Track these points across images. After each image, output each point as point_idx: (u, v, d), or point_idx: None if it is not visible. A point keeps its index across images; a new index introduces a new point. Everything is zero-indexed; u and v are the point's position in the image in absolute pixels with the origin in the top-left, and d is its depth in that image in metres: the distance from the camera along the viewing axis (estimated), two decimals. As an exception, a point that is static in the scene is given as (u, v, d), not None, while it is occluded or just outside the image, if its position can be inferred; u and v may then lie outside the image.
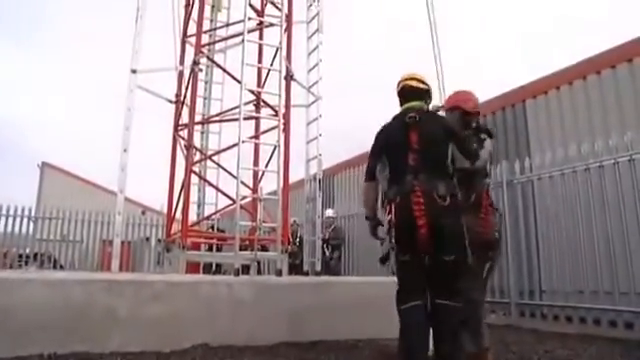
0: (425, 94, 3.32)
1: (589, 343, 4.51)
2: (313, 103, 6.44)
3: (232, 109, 6.66)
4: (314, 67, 6.58)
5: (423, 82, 3.33)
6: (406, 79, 3.31)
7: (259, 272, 7.71)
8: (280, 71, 5.86)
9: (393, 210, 2.94)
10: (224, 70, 6.86)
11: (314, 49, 6.70)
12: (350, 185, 11.34)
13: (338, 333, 4.23)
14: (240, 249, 5.45)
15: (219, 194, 6.74)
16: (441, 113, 3.48)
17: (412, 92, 3.28)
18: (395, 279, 3.05)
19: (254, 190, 6.48)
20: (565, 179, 5.44)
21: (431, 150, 3.03)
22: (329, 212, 9.27)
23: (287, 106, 6.20)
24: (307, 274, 6.28)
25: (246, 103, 6.33)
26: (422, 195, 2.85)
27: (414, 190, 2.88)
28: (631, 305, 4.77)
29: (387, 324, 4.44)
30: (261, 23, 6.68)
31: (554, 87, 6.90)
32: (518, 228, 6.22)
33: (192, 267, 7.05)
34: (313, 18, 6.90)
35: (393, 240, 2.95)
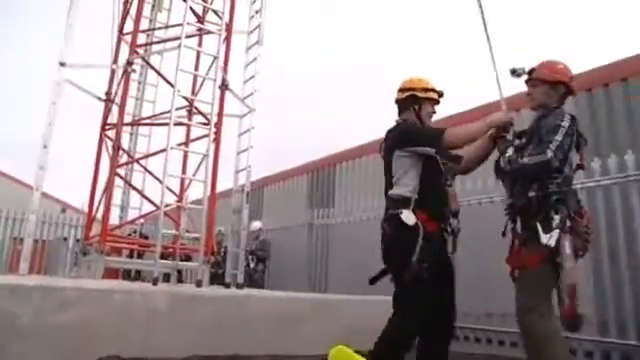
0: (406, 102, 2.98)
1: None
2: (246, 114, 6.44)
3: (163, 113, 6.55)
4: (250, 79, 6.59)
5: (404, 89, 3.00)
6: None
7: (180, 281, 7.53)
8: (215, 80, 5.83)
9: None
10: (158, 73, 6.72)
11: (252, 61, 6.72)
12: (280, 198, 11.37)
13: (255, 348, 4.21)
14: (162, 257, 5.32)
15: (144, 199, 6.57)
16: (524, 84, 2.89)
17: (398, 107, 3.05)
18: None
19: (180, 198, 6.36)
20: (473, 208, 5.74)
21: (385, 171, 2.97)
22: (256, 224, 9.23)
23: (220, 115, 6.18)
24: (229, 286, 6.21)
25: (178, 108, 6.24)
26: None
27: None
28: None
29: (306, 341, 4.53)
30: (200, 30, 6.63)
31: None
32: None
33: (110, 273, 6.79)
34: (254, 30, 6.92)
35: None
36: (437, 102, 3.02)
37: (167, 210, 5.79)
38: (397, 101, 3.03)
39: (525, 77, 2.80)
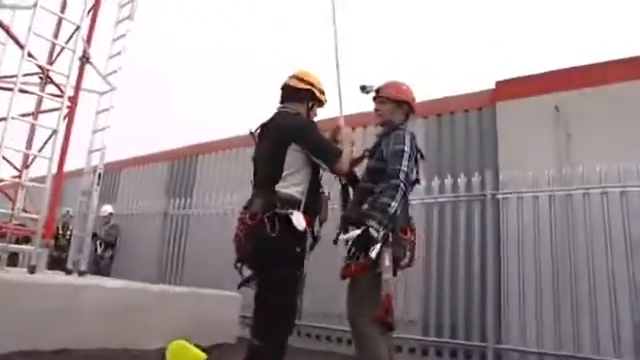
0: (302, 94, 2.89)
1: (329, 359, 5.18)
2: (107, 92, 6.03)
3: (9, 77, 5.84)
4: (116, 55, 6.18)
5: (304, 80, 2.90)
6: (289, 76, 2.95)
7: (15, 265, 6.79)
8: (74, 51, 5.37)
9: None
10: (5, 30, 5.98)
11: (120, 36, 6.30)
12: (137, 183, 10.79)
13: (88, 341, 3.97)
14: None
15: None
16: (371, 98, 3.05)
17: (286, 93, 2.92)
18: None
19: (19, 174, 5.74)
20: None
21: (266, 160, 2.80)
22: (107, 208, 8.68)
23: (77, 90, 5.71)
24: (70, 272, 5.76)
25: (27, 74, 5.63)
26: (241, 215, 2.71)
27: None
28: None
29: (146, 335, 4.38)
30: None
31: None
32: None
33: None
34: (126, 3, 6.50)
35: None
36: (322, 107, 3.02)
37: (1, 185, 5.20)
38: (289, 88, 2.91)
39: (373, 94, 3.03)
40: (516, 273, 4.84)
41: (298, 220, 2.57)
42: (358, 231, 2.53)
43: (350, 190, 3.01)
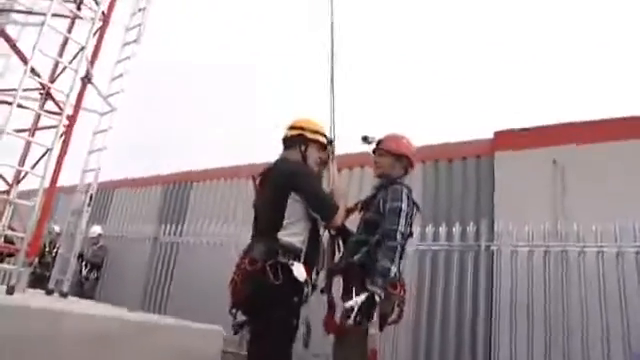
0: (294, 140, 2.92)
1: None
2: (107, 113, 6.00)
3: (9, 90, 5.83)
4: (118, 77, 6.18)
5: (295, 127, 2.94)
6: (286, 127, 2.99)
7: None
8: (77, 70, 5.37)
9: None
10: (9, 43, 6.00)
11: (124, 58, 6.32)
12: (130, 205, 10.67)
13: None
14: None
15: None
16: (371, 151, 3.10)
17: (285, 144, 2.97)
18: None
19: (9, 189, 5.65)
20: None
21: (267, 207, 2.80)
22: (96, 229, 8.54)
23: (76, 109, 5.67)
24: (51, 292, 5.60)
25: (28, 89, 5.61)
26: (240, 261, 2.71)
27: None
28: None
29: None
30: (74, 14, 6.08)
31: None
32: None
33: None
34: (134, 27, 6.55)
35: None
36: (324, 147, 2.99)
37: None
38: (285, 138, 2.96)
39: (373, 146, 3.05)
40: (507, 326, 4.75)
41: (299, 271, 2.57)
42: (363, 297, 2.53)
43: (339, 241, 3.01)
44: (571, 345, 4.43)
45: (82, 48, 5.54)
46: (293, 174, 2.76)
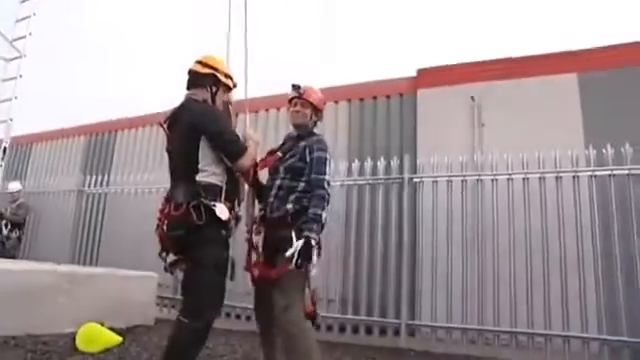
0: (205, 79, 2.88)
1: (248, 338, 5.18)
2: (14, 59, 5.59)
3: None
4: (24, 19, 5.73)
5: (207, 65, 2.89)
6: (194, 61, 2.92)
7: None
8: (-26, 12, 4.92)
9: None
10: None
11: (28, -1, 5.84)
12: (51, 158, 10.14)
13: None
14: None
15: None
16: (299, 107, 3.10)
17: (192, 78, 2.90)
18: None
19: None
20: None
21: (181, 152, 2.79)
22: (14, 185, 8.08)
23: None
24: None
25: None
26: (163, 207, 2.73)
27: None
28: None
29: (56, 319, 4.17)
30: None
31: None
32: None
33: None
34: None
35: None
36: (229, 91, 3.01)
37: None
38: (193, 73, 2.89)
39: (294, 94, 3.11)
40: (430, 249, 5.11)
41: (221, 210, 2.63)
42: (301, 242, 2.67)
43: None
44: (484, 259, 4.89)
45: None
46: (202, 115, 2.76)
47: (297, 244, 2.67)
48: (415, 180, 5.31)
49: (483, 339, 4.71)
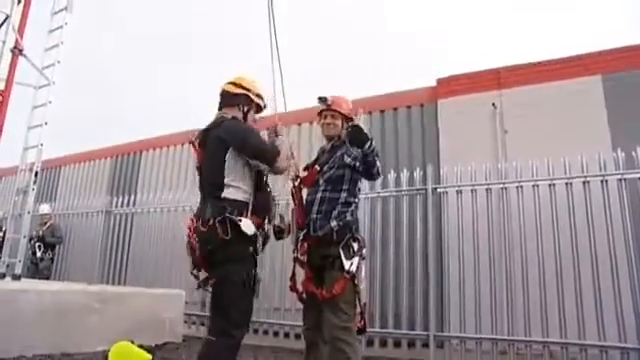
0: (238, 99, 2.93)
1: (276, 354, 5.19)
2: (44, 87, 5.78)
3: None
4: (52, 48, 5.93)
5: (239, 85, 2.94)
6: (226, 82, 2.98)
7: None
8: (4, 42, 5.12)
9: None
10: None
11: (57, 28, 6.05)
12: (79, 180, 10.39)
13: (27, 349, 3.82)
14: None
15: None
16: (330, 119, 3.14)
17: (224, 98, 2.96)
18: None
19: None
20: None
21: (208, 168, 2.84)
22: (44, 207, 8.32)
23: (9, 82, 5.44)
24: (3, 276, 5.50)
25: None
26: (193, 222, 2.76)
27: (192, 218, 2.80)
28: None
29: (88, 337, 4.26)
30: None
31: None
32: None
33: None
34: (62, -6, 6.24)
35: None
36: (261, 110, 3.06)
37: None
38: (225, 93, 2.95)
39: (324, 106, 3.13)
40: (456, 258, 5.03)
41: (247, 225, 2.64)
42: (357, 259, 2.77)
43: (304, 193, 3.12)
44: (513, 267, 4.79)
45: (7, 17, 5.27)
46: (231, 128, 2.78)
47: (354, 260, 2.76)
48: (439, 190, 5.26)
49: (514, 350, 4.59)
